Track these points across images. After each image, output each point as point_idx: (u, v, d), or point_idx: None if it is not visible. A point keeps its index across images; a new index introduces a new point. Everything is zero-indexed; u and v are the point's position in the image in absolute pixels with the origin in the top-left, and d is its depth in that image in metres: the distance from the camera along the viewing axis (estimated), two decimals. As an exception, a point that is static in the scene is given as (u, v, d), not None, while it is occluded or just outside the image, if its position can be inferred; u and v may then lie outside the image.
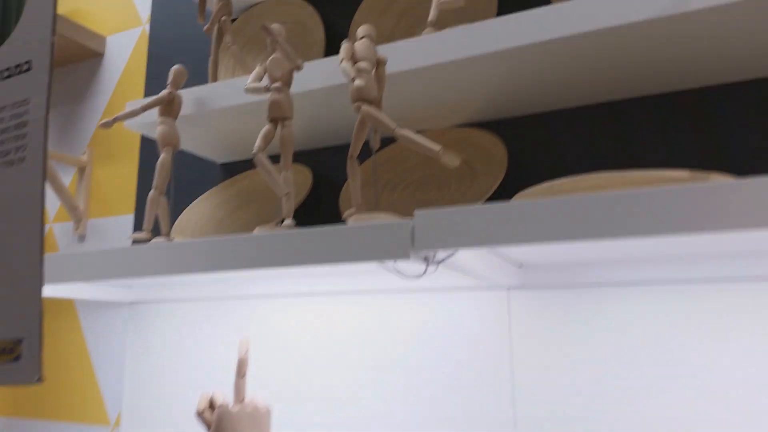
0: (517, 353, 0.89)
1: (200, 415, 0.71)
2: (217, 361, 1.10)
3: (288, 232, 0.70)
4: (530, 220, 0.59)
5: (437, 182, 0.93)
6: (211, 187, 1.17)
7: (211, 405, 0.73)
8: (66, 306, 1.31)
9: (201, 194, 1.18)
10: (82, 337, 1.26)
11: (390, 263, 0.67)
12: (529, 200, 0.60)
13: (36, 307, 0.60)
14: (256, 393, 1.00)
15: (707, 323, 0.80)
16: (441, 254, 0.66)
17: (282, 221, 0.99)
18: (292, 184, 0.77)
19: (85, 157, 1.30)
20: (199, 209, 1.13)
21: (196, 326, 1.13)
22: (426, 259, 0.67)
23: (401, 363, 0.95)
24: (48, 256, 0.88)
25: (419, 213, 0.65)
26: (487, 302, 0.92)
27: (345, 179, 1.05)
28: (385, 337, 0.97)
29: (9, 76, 0.66)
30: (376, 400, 0.96)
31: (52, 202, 1.37)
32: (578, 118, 0.92)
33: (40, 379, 0.58)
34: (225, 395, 0.72)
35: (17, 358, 0.59)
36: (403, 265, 0.68)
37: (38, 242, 0.61)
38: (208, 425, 0.71)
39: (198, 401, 0.73)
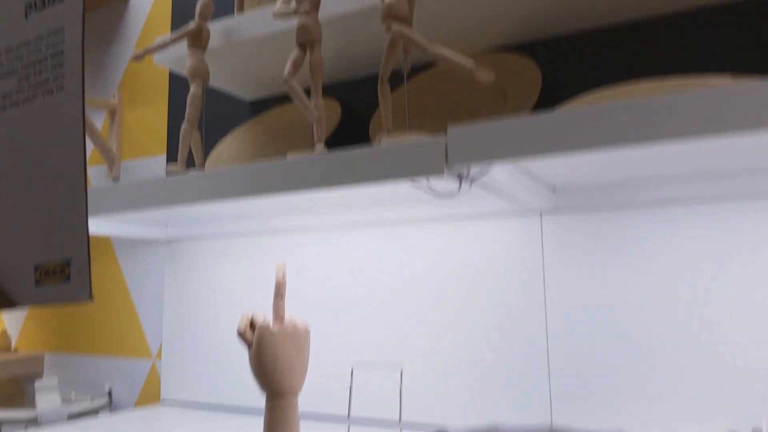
0: (549, 277, 0.89)
1: (241, 334, 0.73)
2: (251, 293, 1.13)
3: (321, 155, 0.71)
4: (567, 130, 0.59)
5: (468, 109, 0.92)
6: (240, 125, 1.18)
7: (252, 325, 0.75)
8: (104, 245, 1.34)
9: (231, 132, 1.18)
10: (121, 275, 1.30)
11: (424, 181, 0.68)
12: (564, 110, 0.59)
13: (82, 229, 0.61)
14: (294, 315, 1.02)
15: (743, 241, 0.79)
16: (475, 171, 0.66)
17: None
18: (323, 109, 0.77)
19: (115, 100, 1.31)
20: (230, 146, 1.14)
21: (231, 261, 1.16)
22: (459, 177, 0.67)
23: (434, 292, 0.96)
24: (87, 189, 0.90)
25: (453, 129, 0.64)
26: (520, 228, 0.92)
27: (374, 112, 1.05)
28: (417, 267, 0.98)
29: (44, 7, 0.67)
30: (409, 329, 0.97)
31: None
32: (614, 37, 0.90)
33: (90, 297, 0.60)
34: (265, 316, 0.74)
35: (67, 279, 0.61)
36: (436, 183, 0.68)
37: (81, 166, 0.63)
38: (249, 344, 0.73)
39: (239, 322, 0.75)
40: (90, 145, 1.40)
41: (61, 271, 0.61)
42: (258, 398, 1.10)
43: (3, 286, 0.63)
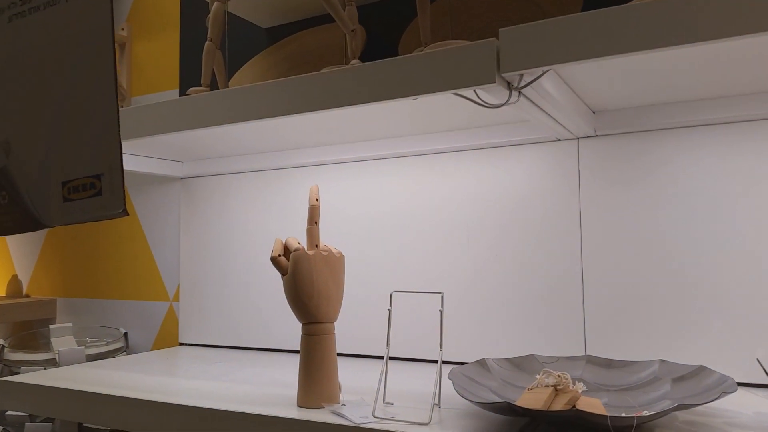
0: (585, 205, 0.85)
1: (275, 259, 0.70)
2: (271, 229, 1.09)
3: (359, 66, 0.66)
4: (631, 27, 0.54)
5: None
6: (257, 53, 1.12)
7: (285, 251, 0.72)
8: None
9: (248, 60, 1.13)
10: (135, 216, 1.27)
11: (471, 92, 0.63)
12: (629, 6, 0.55)
13: (114, 142, 0.57)
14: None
15: (800, 162, 0.75)
16: (527, 78, 0.62)
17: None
18: (357, 19, 0.72)
19: (124, 33, 1.25)
20: (249, 74, 1.09)
21: (249, 198, 1.12)
22: (509, 86, 0.63)
23: (469, 222, 0.93)
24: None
25: (505, 31, 0.60)
26: (557, 155, 0.88)
27: (400, 35, 1.00)
28: (452, 198, 0.95)
29: None
30: (444, 261, 0.94)
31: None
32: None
33: (124, 212, 0.57)
34: (299, 241, 0.71)
35: (98, 193, 0.58)
36: (484, 93, 0.63)
37: (111, 75, 0.58)
38: (283, 270, 0.69)
39: (273, 247, 0.72)
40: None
41: (91, 186, 0.58)
42: (281, 339, 1.07)
43: (29, 205, 0.60)
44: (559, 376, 0.57)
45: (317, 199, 0.72)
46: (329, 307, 0.69)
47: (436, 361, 0.93)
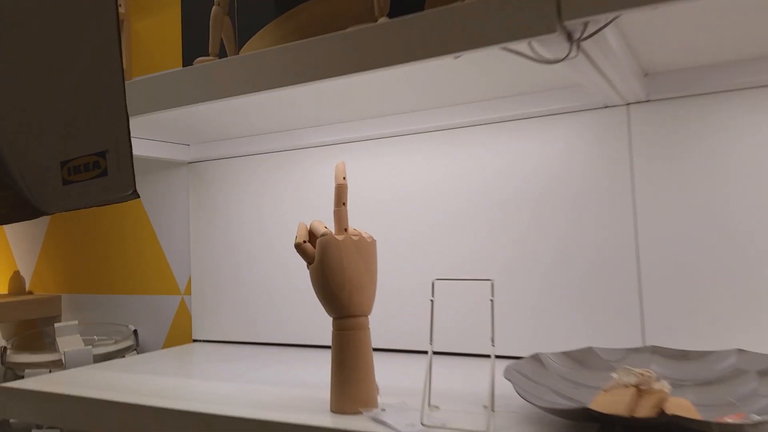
0: (638, 178, 0.77)
1: (300, 246, 0.62)
2: (285, 215, 1.01)
3: (390, 21, 0.57)
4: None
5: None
6: (265, 24, 1.03)
7: (311, 236, 0.64)
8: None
9: (255, 32, 1.04)
10: (140, 204, 1.19)
11: (525, 46, 0.54)
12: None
13: (120, 114, 0.49)
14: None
15: None
16: (591, 27, 0.53)
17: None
18: (385, -29, 0.63)
19: (122, 9, 1.16)
20: (256, 46, 1.00)
21: (261, 182, 1.04)
22: (570, 37, 0.54)
23: (511, 201, 0.84)
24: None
25: (566, -28, 0.51)
26: (605, 123, 0.79)
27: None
28: (491, 174, 0.86)
29: None
30: (485, 245, 0.86)
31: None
32: None
33: (134, 194, 0.49)
34: (325, 225, 0.63)
35: (104, 173, 0.50)
36: (541, 47, 0.55)
37: (116, 45, 0.50)
38: (309, 258, 0.61)
39: (297, 232, 0.63)
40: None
41: (95, 165, 0.50)
42: (302, 333, 0.99)
43: (24, 190, 0.52)
44: (641, 374, 0.48)
45: (344, 177, 0.63)
46: (362, 298, 0.61)
47: (477, 355, 0.85)
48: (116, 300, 1.22)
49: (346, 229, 0.62)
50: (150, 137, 1.00)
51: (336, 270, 0.60)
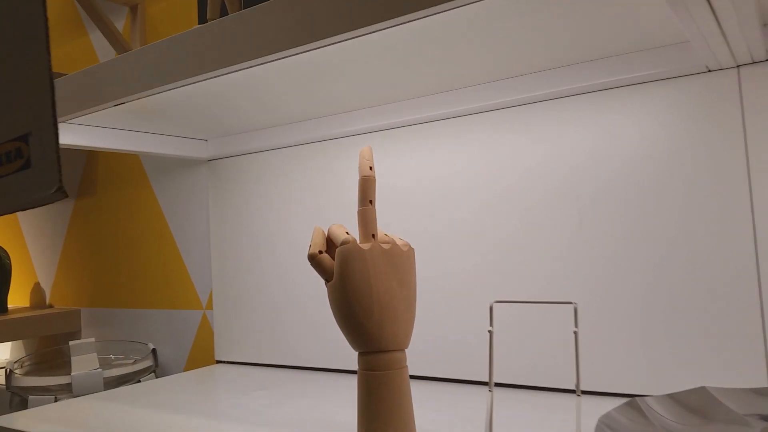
0: (754, 159, 0.59)
1: (315, 258, 0.47)
2: (318, 217, 0.87)
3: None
4: None
5: None
6: None
7: (329, 246, 0.49)
8: (134, 165, 1.11)
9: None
10: (158, 207, 1.07)
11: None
12: None
13: (44, 95, 0.37)
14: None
15: None
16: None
17: None
18: None
19: (135, -7, 1.05)
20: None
21: (287, 179, 0.90)
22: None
23: (582, 195, 0.68)
24: (74, 76, 0.64)
25: None
26: (706, 91, 0.62)
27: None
28: (551, 162, 0.70)
29: None
30: (545, 248, 0.70)
31: (104, 48, 1.15)
32: None
33: (60, 191, 0.36)
34: (347, 231, 0.48)
35: (26, 165, 0.37)
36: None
37: (41, 12, 0.38)
38: (328, 272, 0.47)
39: (311, 240, 0.49)
40: (110, 50, 1.15)
41: (17, 154, 0.37)
42: (339, 355, 0.85)
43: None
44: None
45: (371, 167, 0.48)
46: (397, 327, 0.46)
47: (543, 389, 0.69)
48: (136, 315, 1.10)
49: (374, 235, 0.47)
50: (164, 132, 0.88)
51: (361, 290, 0.45)
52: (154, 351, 1.02)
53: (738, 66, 0.61)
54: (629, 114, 0.65)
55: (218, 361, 0.98)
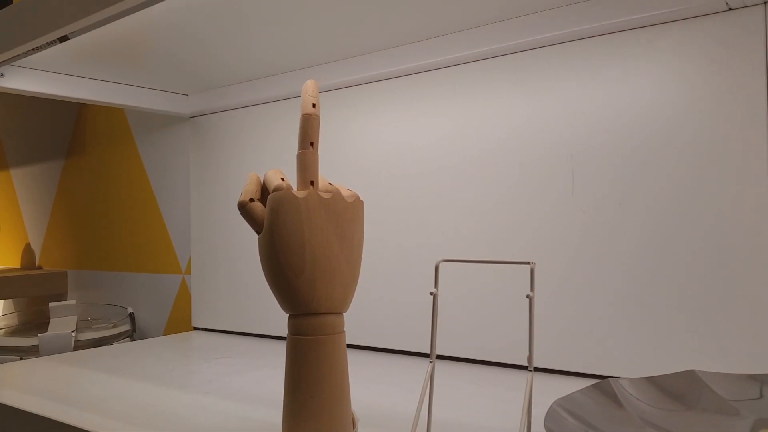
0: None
1: (245, 206, 0.41)
2: (295, 173, 0.81)
3: None
4: None
5: None
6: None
7: (263, 194, 0.43)
8: (121, 123, 1.06)
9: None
10: (141, 166, 1.02)
11: None
12: None
13: None
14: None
15: None
16: None
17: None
18: None
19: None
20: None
21: (272, 137, 0.84)
22: None
23: (575, 155, 0.61)
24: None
25: None
26: (726, 34, 0.53)
27: None
28: (541, 117, 0.62)
29: None
30: (529, 216, 0.63)
31: None
32: None
33: None
34: (285, 177, 0.42)
35: None
36: None
37: None
38: (258, 222, 0.41)
39: (244, 188, 0.43)
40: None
41: None
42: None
43: None
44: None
45: (314, 104, 0.42)
46: (333, 287, 0.40)
47: (505, 365, 0.62)
48: (120, 278, 1.07)
49: (312, 183, 0.41)
50: (143, 84, 0.83)
51: (292, 243, 0.39)
52: (131, 315, 0.98)
53: (765, 2, 0.52)
54: (636, 61, 0.57)
55: (195, 328, 0.93)
